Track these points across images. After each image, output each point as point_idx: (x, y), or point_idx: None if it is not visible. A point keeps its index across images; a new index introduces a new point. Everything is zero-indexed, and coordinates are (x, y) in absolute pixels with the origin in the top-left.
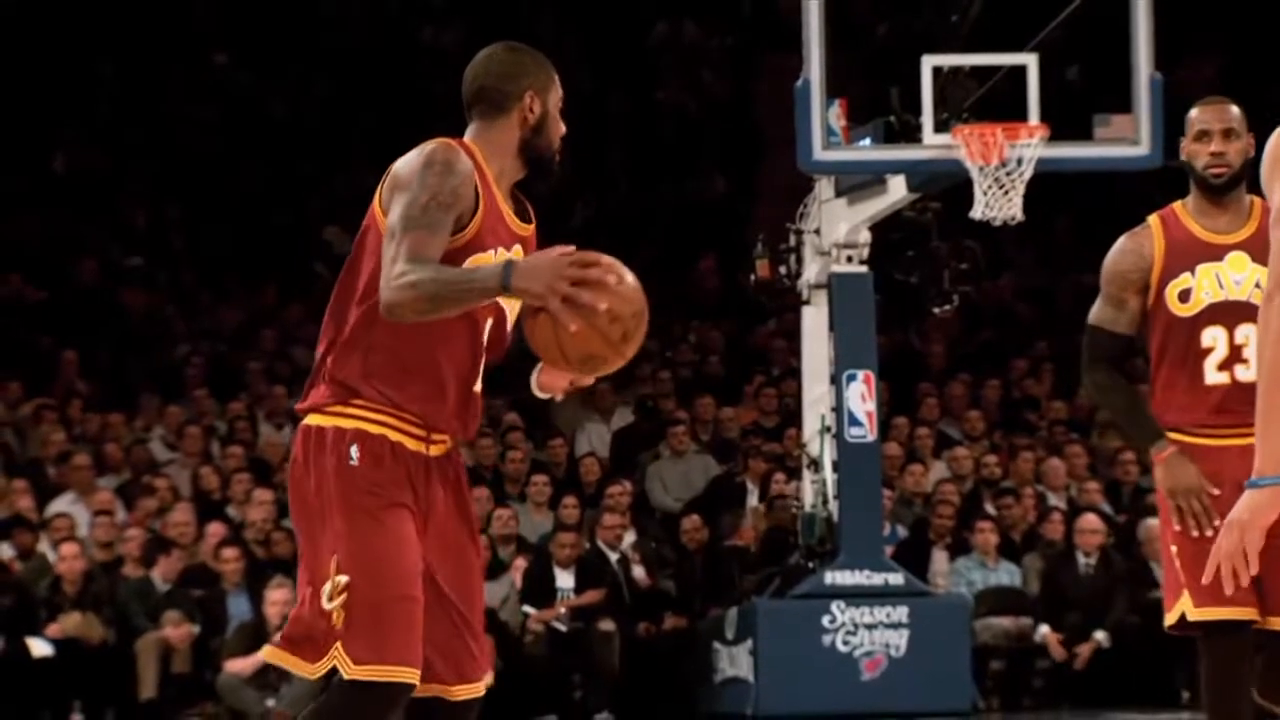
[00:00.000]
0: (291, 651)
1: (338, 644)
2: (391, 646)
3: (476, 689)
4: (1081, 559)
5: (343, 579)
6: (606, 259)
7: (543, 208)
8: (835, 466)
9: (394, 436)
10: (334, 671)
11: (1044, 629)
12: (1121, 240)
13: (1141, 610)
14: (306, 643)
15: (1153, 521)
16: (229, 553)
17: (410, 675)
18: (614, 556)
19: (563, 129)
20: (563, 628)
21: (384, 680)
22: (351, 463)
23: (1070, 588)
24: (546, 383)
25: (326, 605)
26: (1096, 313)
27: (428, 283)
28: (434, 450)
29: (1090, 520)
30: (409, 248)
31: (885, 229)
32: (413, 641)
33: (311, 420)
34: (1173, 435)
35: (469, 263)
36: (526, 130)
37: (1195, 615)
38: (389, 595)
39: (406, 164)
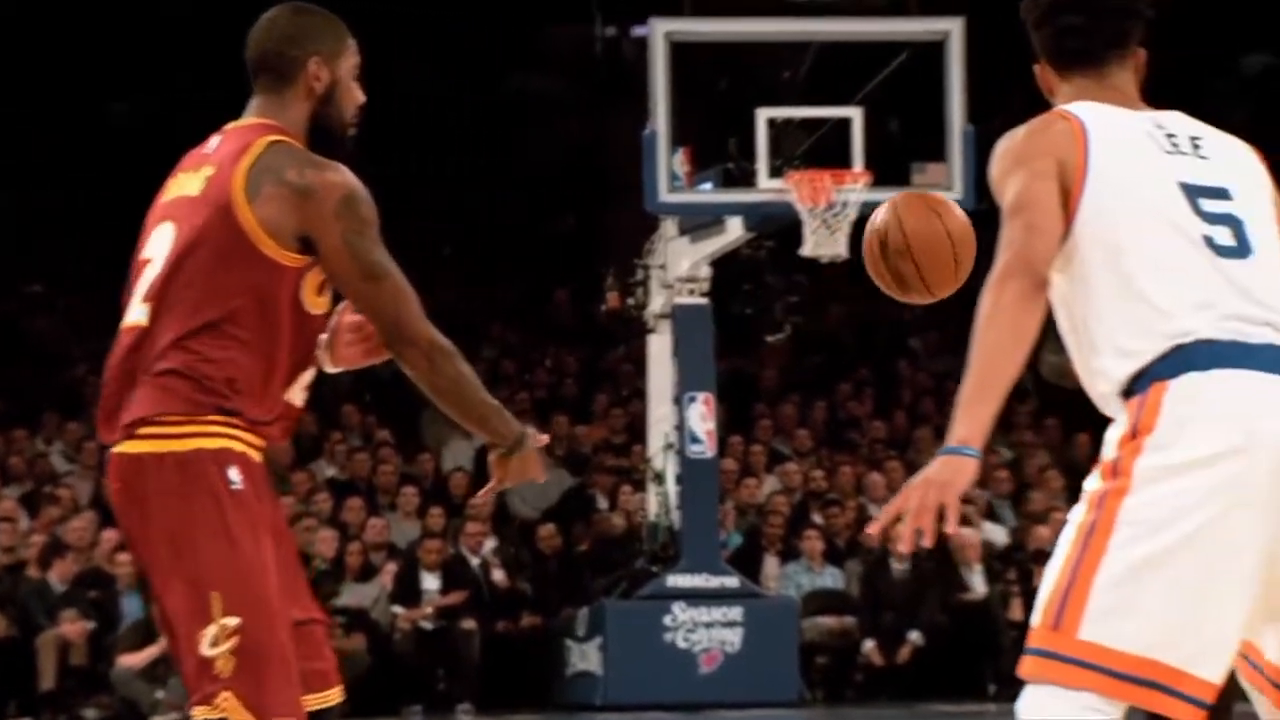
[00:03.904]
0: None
1: (226, 693)
2: (296, 698)
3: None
4: (895, 564)
5: (233, 621)
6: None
7: (414, 244)
8: (678, 480)
9: (254, 455)
10: None
11: (869, 644)
12: None
13: (951, 610)
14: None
15: (965, 530)
16: (123, 556)
17: None
18: (476, 561)
19: (359, 99)
20: (429, 626)
21: None
22: (235, 487)
23: (886, 590)
24: (343, 355)
25: (209, 651)
26: None
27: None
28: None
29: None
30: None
31: (724, 265)
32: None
33: (162, 446)
34: None
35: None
36: (314, 101)
37: None
38: (279, 640)
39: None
